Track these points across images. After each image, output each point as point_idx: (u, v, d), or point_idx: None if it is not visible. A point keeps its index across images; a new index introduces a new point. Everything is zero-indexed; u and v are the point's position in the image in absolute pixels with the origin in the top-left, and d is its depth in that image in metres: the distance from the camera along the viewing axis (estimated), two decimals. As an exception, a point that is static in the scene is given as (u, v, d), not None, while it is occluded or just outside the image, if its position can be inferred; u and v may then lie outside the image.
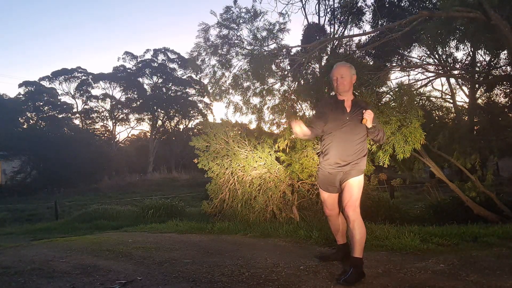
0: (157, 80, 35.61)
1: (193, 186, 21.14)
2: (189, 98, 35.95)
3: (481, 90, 10.41)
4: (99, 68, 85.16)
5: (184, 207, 10.61)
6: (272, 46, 6.01)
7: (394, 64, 8.47)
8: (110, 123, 36.22)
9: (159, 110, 35.22)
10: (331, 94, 3.22)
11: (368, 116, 2.79)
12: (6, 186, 24.69)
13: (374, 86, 5.15)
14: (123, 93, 35.40)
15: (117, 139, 37.36)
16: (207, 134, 5.98)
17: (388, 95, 5.51)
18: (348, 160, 2.91)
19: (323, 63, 7.21)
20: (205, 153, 5.94)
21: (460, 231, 4.12)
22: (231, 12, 5.96)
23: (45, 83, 33.65)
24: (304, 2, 10.98)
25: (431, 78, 7.82)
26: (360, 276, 2.75)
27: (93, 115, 35.36)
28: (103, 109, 35.61)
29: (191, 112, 36.16)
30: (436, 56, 9.29)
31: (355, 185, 2.89)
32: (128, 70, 35.23)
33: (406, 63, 9.10)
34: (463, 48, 9.02)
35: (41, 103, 31.85)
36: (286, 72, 6.20)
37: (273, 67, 6.01)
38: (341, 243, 3.27)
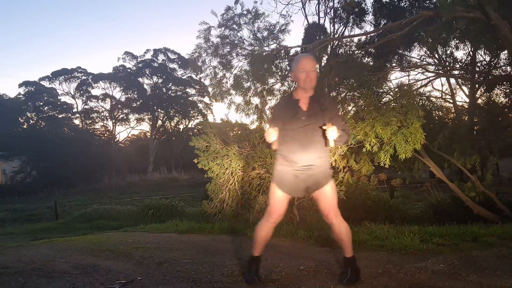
0: (157, 80, 35.60)
1: (193, 186, 21.14)
2: (189, 98, 35.93)
3: (481, 90, 10.42)
4: (99, 68, 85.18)
5: (184, 207, 10.60)
6: (273, 46, 6.03)
7: (394, 64, 8.46)
8: (110, 123, 36.24)
9: (159, 110, 35.21)
10: (286, 94, 2.97)
11: (331, 135, 2.50)
12: (6, 186, 24.67)
13: (374, 86, 5.15)
14: (123, 93, 35.41)
15: (117, 139, 37.34)
16: (207, 134, 5.98)
17: (388, 95, 5.52)
18: (315, 163, 2.66)
19: (323, 63, 7.22)
20: (205, 153, 5.94)
21: (460, 231, 4.12)
22: (232, 12, 5.97)
23: (45, 83, 33.65)
24: (304, 3, 10.97)
25: (431, 78, 7.82)
26: (358, 272, 2.78)
27: (93, 115, 35.34)
28: (103, 109, 35.63)
29: (191, 112, 36.14)
30: (436, 56, 9.28)
31: (332, 191, 2.71)
32: (128, 70, 35.21)
33: (406, 63, 9.09)
34: (463, 48, 9.04)
35: (41, 103, 31.83)
36: (286, 72, 6.20)
37: (273, 67, 6.02)
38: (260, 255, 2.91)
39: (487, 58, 9.51)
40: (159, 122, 36.23)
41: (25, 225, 10.95)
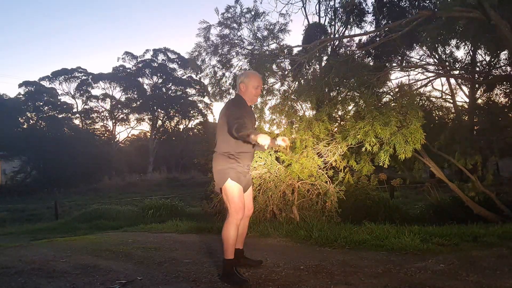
0: (157, 80, 35.60)
1: (193, 186, 21.14)
2: (189, 98, 35.93)
3: (481, 90, 10.40)
4: (99, 68, 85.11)
5: (184, 207, 10.61)
6: (273, 46, 6.03)
7: (394, 64, 8.46)
8: (110, 123, 36.24)
9: (159, 110, 35.22)
10: (237, 97, 3.08)
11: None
12: (6, 186, 24.68)
13: (374, 86, 5.14)
14: (123, 93, 35.41)
15: (117, 139, 37.35)
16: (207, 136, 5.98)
17: (388, 95, 5.51)
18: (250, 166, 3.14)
19: (323, 63, 7.22)
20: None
21: (460, 231, 4.12)
22: (232, 11, 5.97)
23: (45, 83, 33.64)
24: (304, 2, 10.99)
25: (431, 78, 7.80)
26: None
27: (93, 115, 35.33)
28: (103, 109, 35.64)
29: (191, 112, 36.14)
30: (436, 56, 9.28)
31: (252, 190, 3.21)
32: (128, 70, 35.21)
33: (406, 63, 9.09)
34: (463, 48, 9.03)
35: (41, 103, 31.80)
36: (286, 72, 6.20)
37: (274, 67, 6.01)
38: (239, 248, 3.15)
39: (487, 58, 9.50)
40: (159, 122, 36.24)
41: (25, 225, 10.94)
